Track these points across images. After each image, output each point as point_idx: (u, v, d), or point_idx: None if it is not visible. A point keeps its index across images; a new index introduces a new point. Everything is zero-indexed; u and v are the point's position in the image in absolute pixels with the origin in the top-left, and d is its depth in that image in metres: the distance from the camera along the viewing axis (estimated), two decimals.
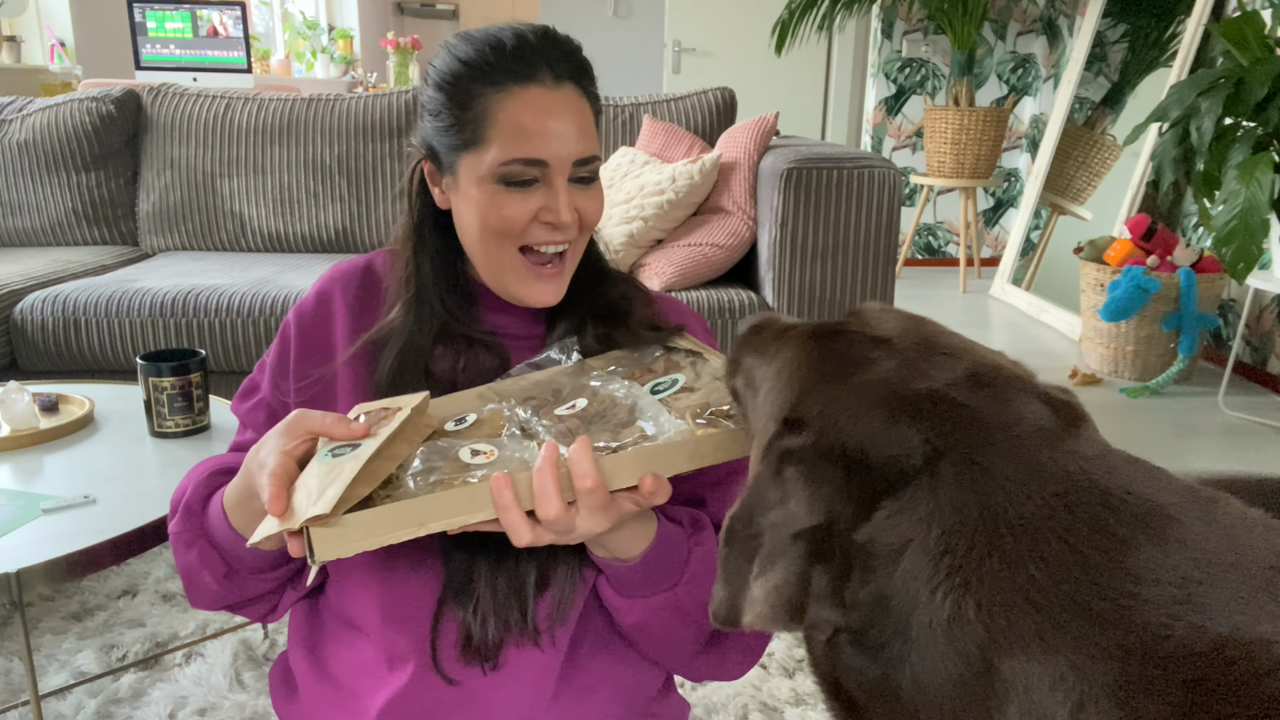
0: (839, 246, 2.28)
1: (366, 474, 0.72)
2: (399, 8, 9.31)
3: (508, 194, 0.87)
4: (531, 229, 0.89)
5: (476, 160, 0.87)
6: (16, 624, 1.69)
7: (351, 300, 0.97)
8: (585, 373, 0.88)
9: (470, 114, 0.87)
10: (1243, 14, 2.78)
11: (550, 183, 0.88)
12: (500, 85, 0.86)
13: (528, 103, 0.86)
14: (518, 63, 0.87)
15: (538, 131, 0.86)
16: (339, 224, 2.91)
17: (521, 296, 0.92)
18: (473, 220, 0.89)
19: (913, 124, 5.29)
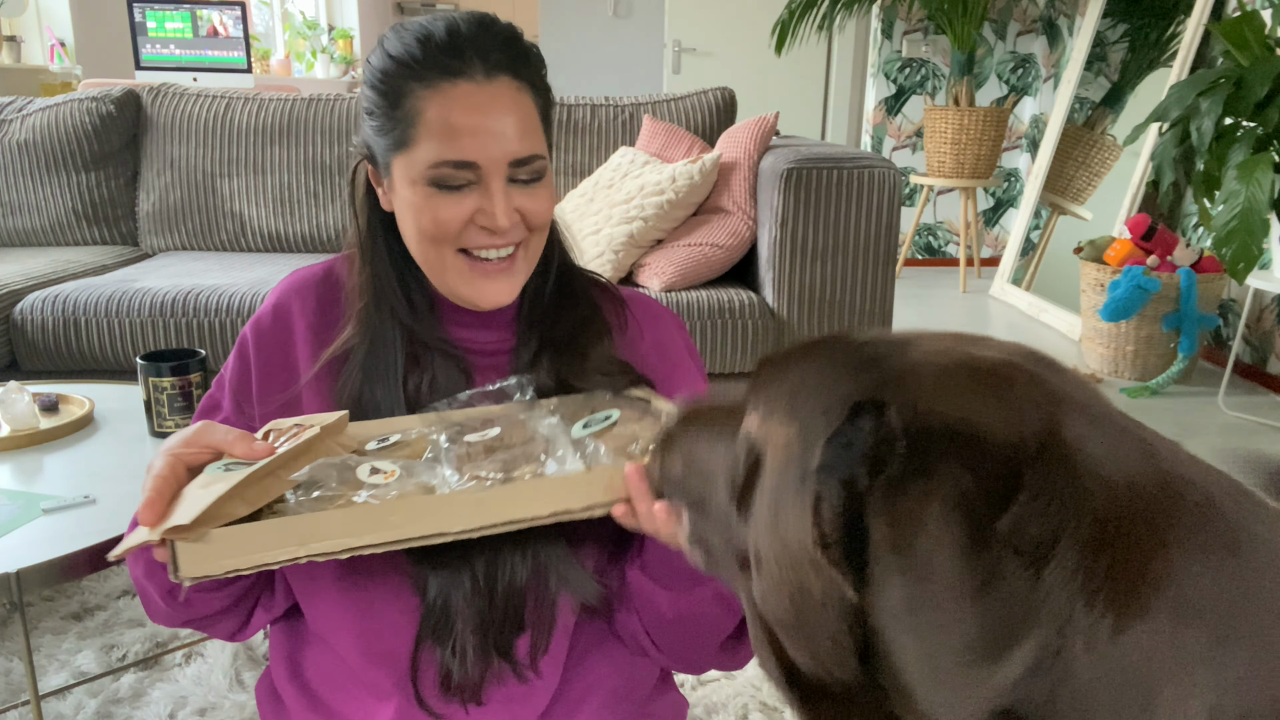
0: (839, 246, 2.28)
1: (254, 491, 0.67)
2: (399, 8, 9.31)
3: (440, 197, 0.82)
4: (468, 232, 0.84)
5: (408, 161, 0.83)
6: (16, 624, 1.69)
7: (311, 315, 0.92)
8: (529, 409, 0.83)
9: (400, 112, 0.82)
10: (1243, 14, 2.78)
11: (486, 184, 0.82)
12: (428, 82, 0.81)
13: (455, 100, 0.81)
14: (446, 56, 0.81)
15: (468, 131, 0.80)
16: (339, 224, 2.91)
17: (469, 298, 0.87)
18: (409, 224, 0.85)
19: (913, 124, 5.29)
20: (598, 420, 0.79)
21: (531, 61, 0.85)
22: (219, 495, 0.64)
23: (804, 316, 2.32)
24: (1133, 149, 3.87)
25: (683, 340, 0.98)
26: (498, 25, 0.85)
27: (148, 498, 0.67)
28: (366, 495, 0.68)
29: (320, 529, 0.65)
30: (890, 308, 2.34)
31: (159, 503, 0.67)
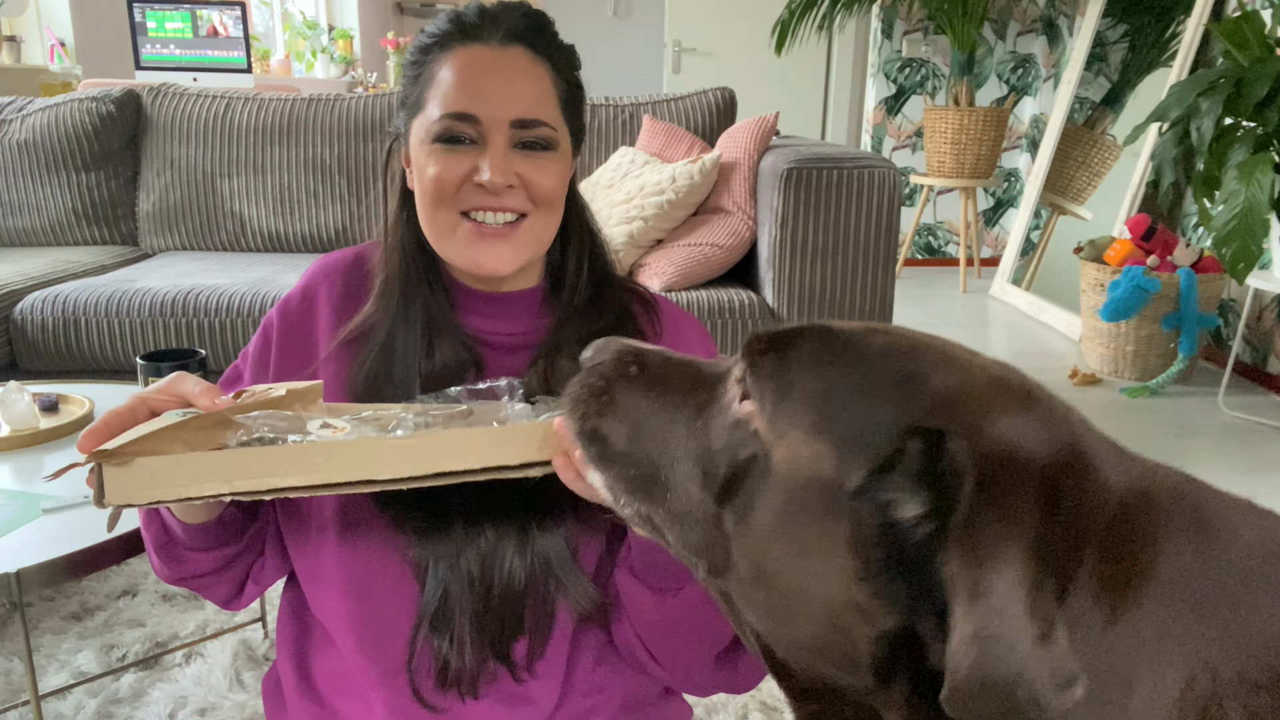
0: (839, 246, 2.28)
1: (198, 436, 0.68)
2: (399, 8, 9.31)
3: (442, 152, 0.83)
4: (466, 192, 0.84)
5: (420, 125, 0.85)
6: (16, 624, 1.69)
7: (337, 298, 0.93)
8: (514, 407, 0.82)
9: (420, 80, 0.86)
10: (1243, 14, 2.78)
11: (486, 142, 0.83)
12: (446, 47, 0.85)
13: (466, 59, 0.84)
14: (468, 25, 0.85)
15: (471, 85, 0.83)
16: (339, 224, 2.91)
17: (467, 264, 0.86)
18: (417, 189, 0.86)
19: (913, 124, 5.29)
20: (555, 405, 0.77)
21: (554, 43, 0.87)
22: (155, 429, 0.65)
23: (804, 316, 2.32)
24: (1133, 149, 3.87)
25: (704, 349, 0.96)
26: (525, 6, 0.87)
27: (93, 426, 0.68)
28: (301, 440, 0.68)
29: (245, 466, 0.64)
30: (890, 308, 2.34)
31: (103, 432, 0.67)
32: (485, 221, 0.85)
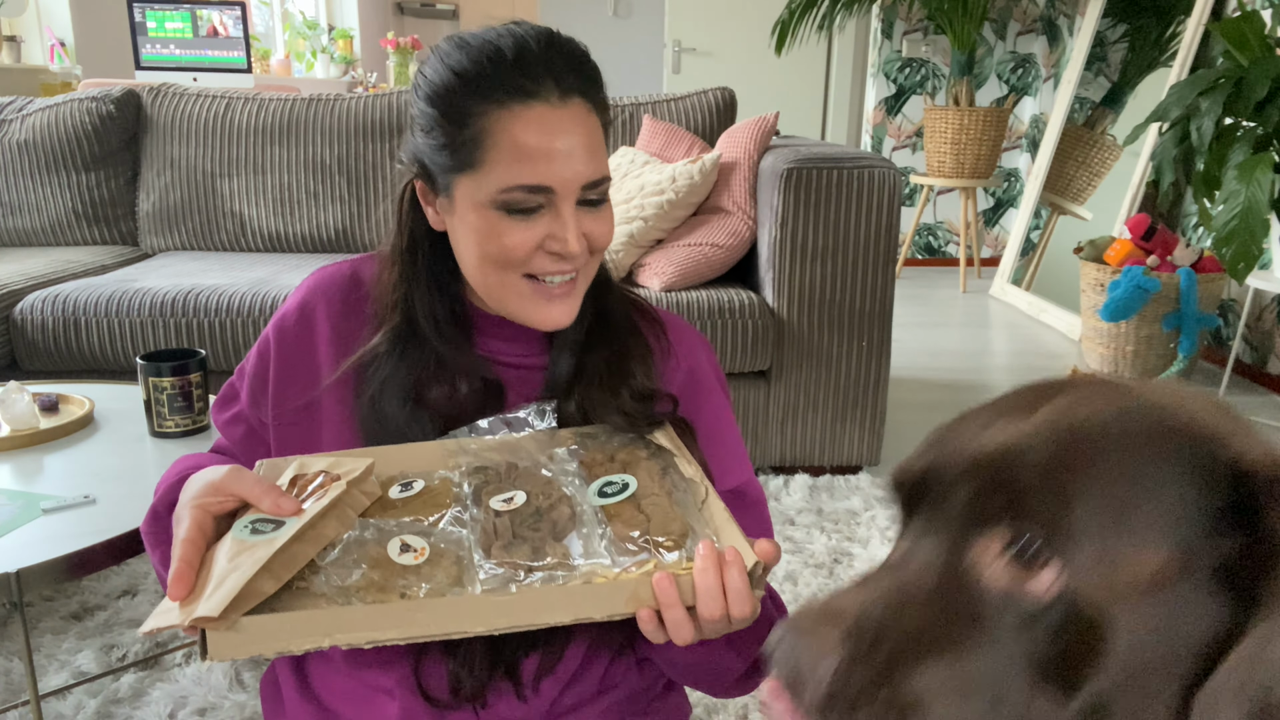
0: (839, 246, 2.28)
1: (281, 562, 0.67)
2: (399, 8, 9.31)
3: (509, 222, 0.80)
4: (536, 258, 0.82)
5: (474, 184, 0.80)
6: (16, 624, 1.69)
7: (336, 317, 0.90)
8: (551, 444, 0.83)
9: (467, 133, 0.79)
10: (1243, 14, 2.78)
11: (556, 209, 0.80)
12: (500, 102, 0.78)
13: (531, 123, 0.78)
14: (520, 75, 0.79)
15: (543, 155, 0.78)
16: (339, 224, 2.91)
17: (529, 320, 0.85)
18: (471, 247, 0.83)
19: (913, 124, 5.29)
20: (615, 487, 0.78)
21: (598, 82, 0.85)
22: (249, 576, 0.64)
23: (804, 316, 2.32)
24: (1133, 149, 3.87)
25: (711, 367, 0.97)
26: (569, 44, 0.83)
27: (176, 569, 0.66)
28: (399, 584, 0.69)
29: (347, 622, 0.66)
30: (890, 308, 2.34)
31: (188, 575, 0.67)
32: (551, 282, 0.83)
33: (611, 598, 0.70)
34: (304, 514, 0.70)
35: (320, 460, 0.78)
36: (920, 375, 3.36)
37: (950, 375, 3.39)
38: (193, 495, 0.73)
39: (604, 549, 0.73)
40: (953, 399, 3.13)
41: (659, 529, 0.74)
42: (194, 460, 0.91)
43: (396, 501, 0.78)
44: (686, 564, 0.72)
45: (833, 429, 2.41)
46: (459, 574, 0.71)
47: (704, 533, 0.75)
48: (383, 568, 0.70)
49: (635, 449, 0.84)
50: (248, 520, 0.71)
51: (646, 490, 0.79)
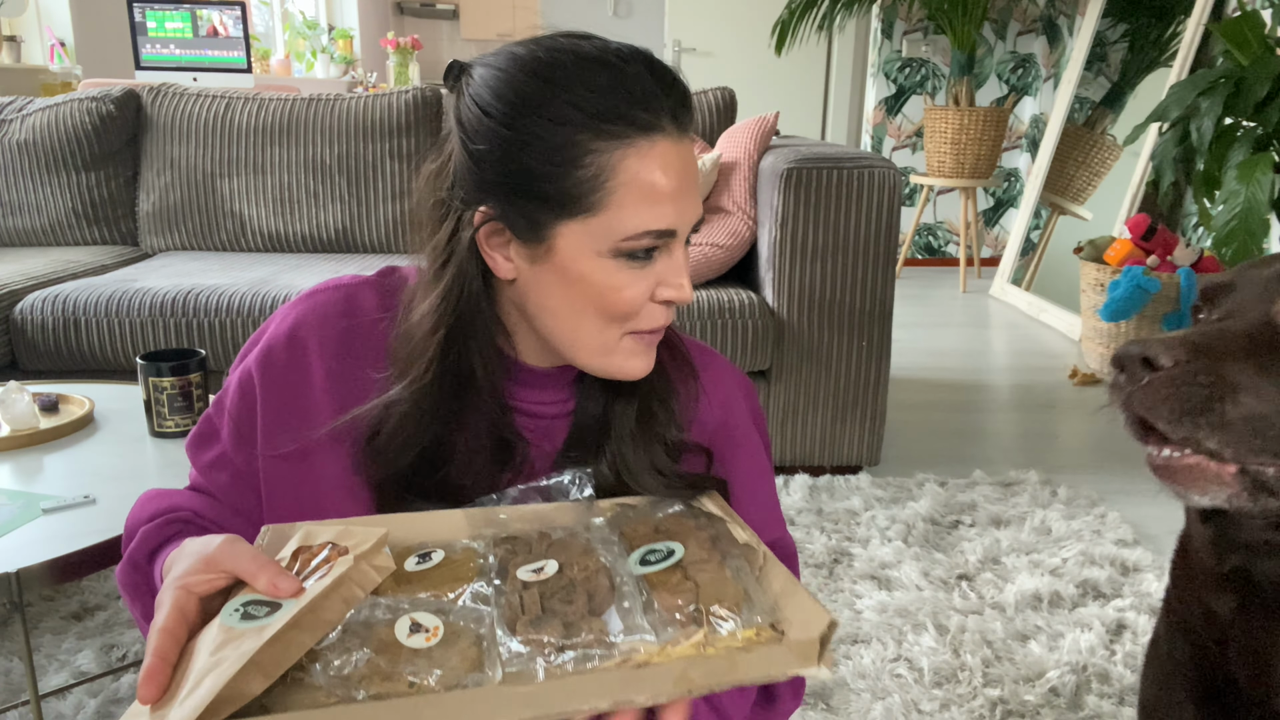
0: (839, 246, 2.28)
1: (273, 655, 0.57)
2: (399, 8, 9.30)
3: (628, 271, 0.72)
4: (646, 310, 0.74)
5: (588, 231, 0.71)
6: (16, 624, 1.69)
7: (331, 358, 0.81)
8: (588, 514, 0.75)
9: (579, 172, 0.69)
10: (1243, 14, 2.78)
11: (670, 252, 0.74)
12: (621, 138, 0.69)
13: (657, 160, 0.70)
14: (639, 107, 0.70)
15: (670, 196, 0.71)
16: (339, 224, 2.91)
17: (614, 373, 0.77)
18: (573, 300, 0.73)
19: (913, 124, 5.29)
20: (659, 554, 0.70)
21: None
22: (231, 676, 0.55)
23: (804, 316, 2.32)
24: (1133, 149, 3.87)
25: (751, 412, 0.92)
26: (668, 68, 0.74)
27: (148, 665, 0.57)
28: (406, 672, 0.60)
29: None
30: (890, 308, 2.34)
31: (161, 672, 0.57)
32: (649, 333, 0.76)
33: (656, 679, 0.61)
34: (304, 595, 0.61)
35: (328, 529, 0.69)
36: (920, 375, 3.36)
37: (950, 375, 3.39)
38: (178, 573, 0.63)
39: (647, 622, 0.64)
40: (953, 399, 3.12)
41: (711, 596, 0.66)
42: (170, 500, 0.82)
43: (412, 574, 0.69)
44: (744, 634, 0.64)
45: (833, 429, 2.41)
46: (478, 656, 0.61)
47: (762, 600, 0.67)
48: (389, 652, 0.60)
49: (682, 519, 0.76)
50: (239, 602, 0.62)
51: (695, 556, 0.70)
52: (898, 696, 1.53)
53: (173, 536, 0.79)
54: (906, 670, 1.60)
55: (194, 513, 0.82)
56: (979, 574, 1.93)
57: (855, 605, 1.81)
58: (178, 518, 0.80)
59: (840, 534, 2.10)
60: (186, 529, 0.80)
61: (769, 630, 0.65)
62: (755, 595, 0.67)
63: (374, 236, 2.92)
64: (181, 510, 0.81)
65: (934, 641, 1.68)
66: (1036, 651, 1.65)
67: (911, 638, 1.70)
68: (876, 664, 1.62)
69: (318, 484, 0.80)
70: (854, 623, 1.75)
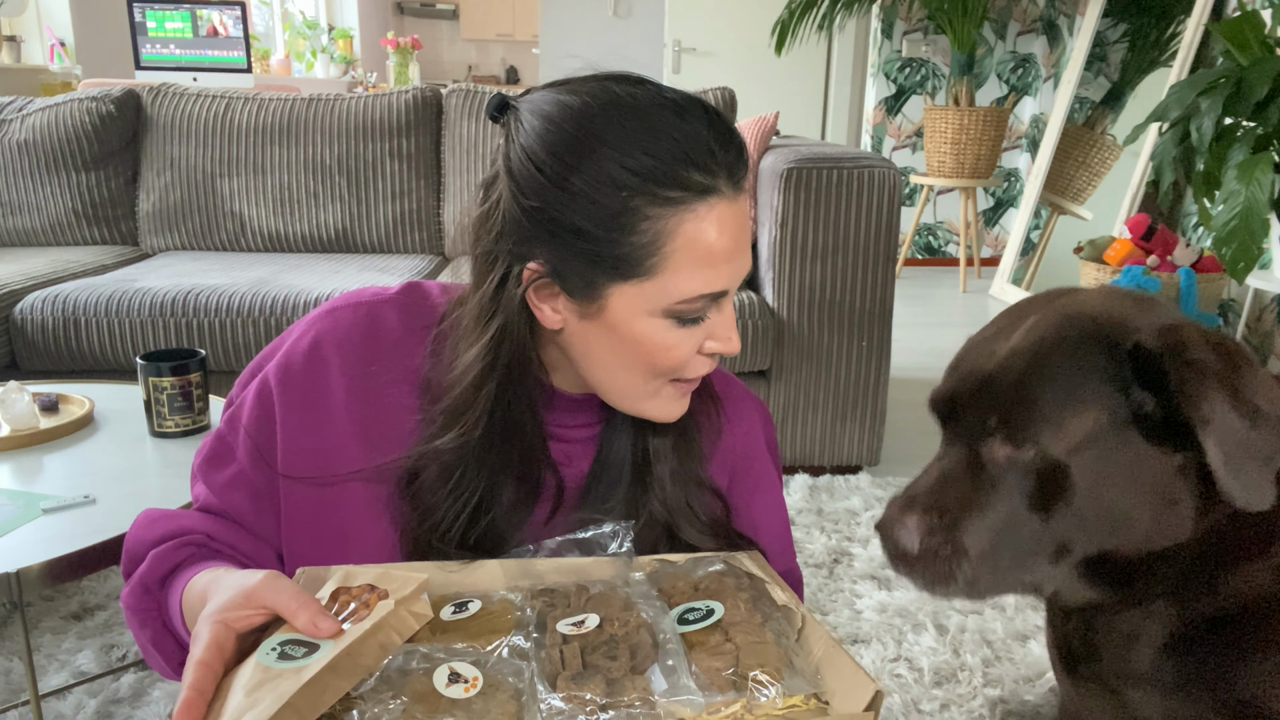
0: (839, 246, 2.28)
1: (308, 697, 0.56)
2: (399, 8, 9.30)
3: (679, 332, 0.72)
4: (694, 362, 0.75)
5: (640, 292, 0.70)
6: (16, 624, 1.69)
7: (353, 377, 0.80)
8: (626, 569, 0.75)
9: (636, 239, 0.68)
10: (1243, 14, 2.78)
11: (720, 308, 0.74)
12: (679, 204, 0.68)
13: (713, 224, 0.69)
14: (697, 170, 0.68)
15: (725, 258, 0.70)
16: (339, 224, 2.91)
17: (654, 416, 0.78)
18: (621, 355, 0.73)
19: (913, 124, 5.29)
20: (698, 613, 0.69)
21: None
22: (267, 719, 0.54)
23: (804, 316, 2.32)
24: (1133, 149, 3.87)
25: (769, 443, 0.92)
26: (723, 119, 0.72)
27: (186, 698, 0.57)
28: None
29: None
30: (890, 307, 2.34)
31: (198, 706, 0.57)
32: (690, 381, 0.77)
33: None
34: (340, 640, 0.60)
35: (367, 571, 0.68)
36: (920, 375, 3.36)
37: None
38: (216, 606, 0.63)
39: (692, 683, 0.62)
40: None
41: (751, 661, 0.64)
42: (178, 522, 0.80)
43: (449, 624, 0.67)
44: (786, 703, 0.62)
45: (833, 429, 2.41)
46: (517, 711, 0.60)
47: (804, 666, 0.66)
48: (426, 701, 0.59)
49: (722, 578, 0.74)
50: (276, 641, 0.61)
51: (735, 617, 0.68)
52: (898, 696, 1.53)
53: (186, 560, 0.77)
54: (906, 670, 1.60)
55: (206, 535, 0.79)
56: None
57: (855, 605, 1.81)
58: (190, 541, 0.78)
59: (840, 534, 2.10)
60: (200, 553, 0.78)
61: (814, 700, 0.63)
62: (797, 661, 0.65)
63: (374, 236, 2.92)
64: (192, 533, 0.79)
65: (934, 641, 1.68)
66: (1036, 651, 1.65)
67: (911, 638, 1.70)
68: (876, 664, 1.62)
69: (337, 509, 0.79)
70: (854, 623, 1.75)
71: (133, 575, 0.78)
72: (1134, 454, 0.69)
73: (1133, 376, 0.69)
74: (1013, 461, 0.72)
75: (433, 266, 2.76)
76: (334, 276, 2.49)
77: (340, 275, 2.51)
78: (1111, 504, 0.71)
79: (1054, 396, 0.70)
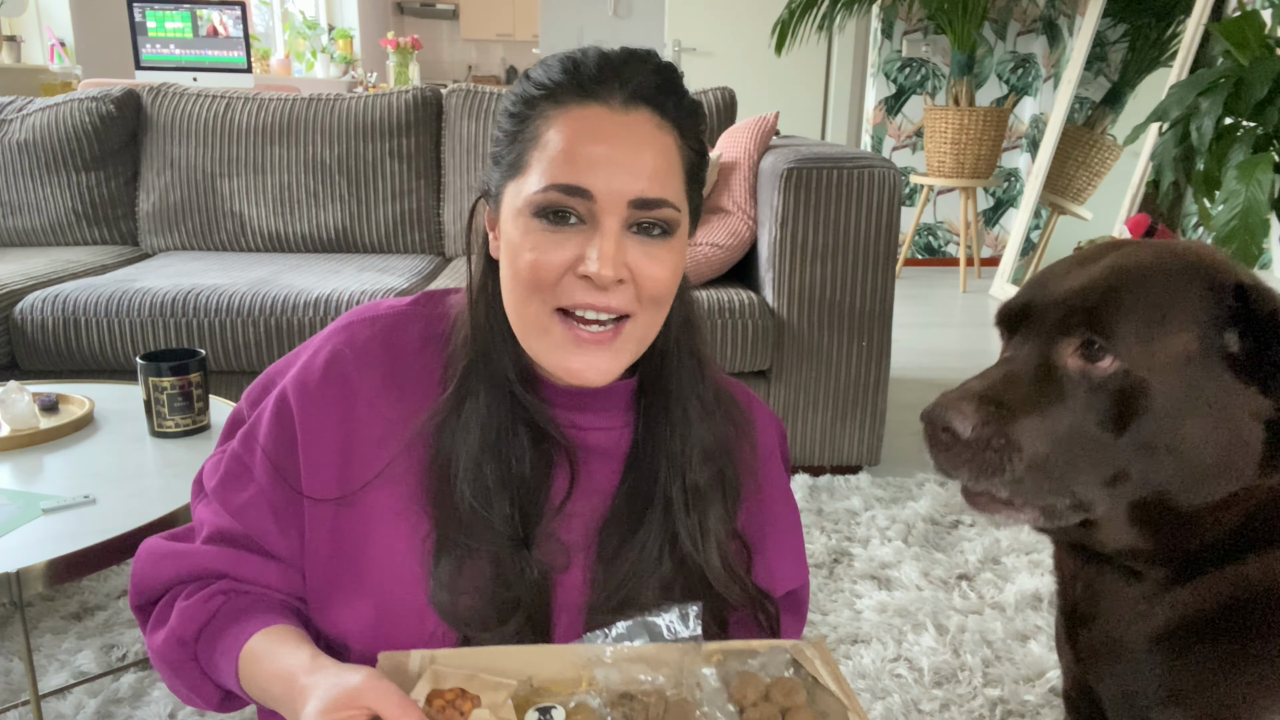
0: (839, 246, 2.28)
1: None
2: (399, 7, 9.30)
3: (543, 233, 0.71)
4: (566, 284, 0.72)
5: (517, 188, 0.73)
6: (16, 624, 1.69)
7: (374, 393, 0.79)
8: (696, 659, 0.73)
9: (522, 135, 0.74)
10: (1243, 14, 2.78)
11: (597, 224, 0.71)
12: (558, 101, 0.73)
13: (581, 121, 0.71)
14: (586, 79, 0.72)
15: (585, 155, 0.70)
16: (339, 224, 2.91)
17: (559, 370, 0.75)
18: (507, 268, 0.75)
19: (913, 124, 5.29)
20: None
21: (685, 104, 0.75)
22: None
23: (804, 316, 2.32)
24: (1133, 149, 3.87)
25: (784, 457, 0.92)
26: (655, 58, 0.75)
27: None
28: None
29: None
30: (890, 308, 2.34)
31: None
32: (584, 327, 0.73)
33: None
34: None
35: (455, 672, 0.69)
36: (920, 375, 3.36)
37: (950, 375, 3.39)
38: (319, 708, 0.63)
39: None
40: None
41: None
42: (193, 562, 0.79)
43: None
44: None
45: (833, 429, 2.41)
46: None
47: None
48: None
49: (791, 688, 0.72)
50: None
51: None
52: (898, 696, 1.53)
53: (220, 612, 0.77)
54: (906, 670, 1.60)
55: (233, 580, 0.79)
56: (979, 574, 1.93)
57: (855, 605, 1.81)
58: (218, 590, 0.78)
59: (840, 534, 2.10)
60: (232, 602, 0.77)
61: None
62: None
63: (374, 236, 2.92)
64: (210, 575, 0.79)
65: (934, 641, 1.68)
66: (1036, 651, 1.65)
67: (911, 638, 1.70)
68: (876, 664, 1.62)
69: (361, 522, 0.78)
70: (854, 623, 1.75)
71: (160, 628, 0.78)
72: (1219, 387, 0.69)
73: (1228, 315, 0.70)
74: (1088, 372, 0.71)
75: (433, 266, 2.76)
76: (334, 276, 2.49)
77: (340, 275, 2.51)
78: (1186, 433, 0.69)
79: (1147, 314, 0.70)
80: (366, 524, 0.78)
